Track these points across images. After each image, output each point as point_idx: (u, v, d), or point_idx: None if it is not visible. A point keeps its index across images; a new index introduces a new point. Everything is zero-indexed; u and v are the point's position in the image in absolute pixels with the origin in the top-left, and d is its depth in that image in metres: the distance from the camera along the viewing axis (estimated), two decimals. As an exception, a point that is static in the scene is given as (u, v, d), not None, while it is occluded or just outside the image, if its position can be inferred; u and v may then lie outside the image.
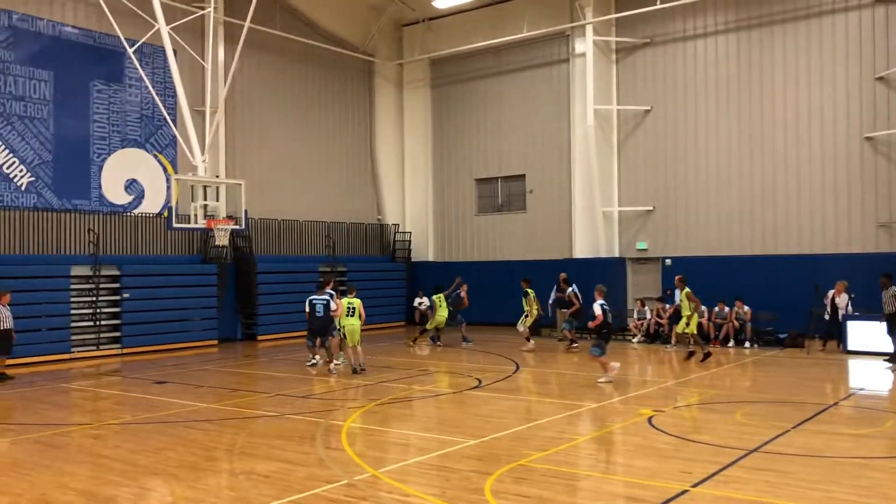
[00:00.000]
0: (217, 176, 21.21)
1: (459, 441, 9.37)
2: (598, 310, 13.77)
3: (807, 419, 10.46)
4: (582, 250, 24.31)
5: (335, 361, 16.30)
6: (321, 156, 26.44)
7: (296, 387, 13.94)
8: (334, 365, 15.81)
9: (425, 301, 26.71)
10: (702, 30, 22.82)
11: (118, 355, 19.41)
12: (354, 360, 15.44)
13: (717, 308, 19.89)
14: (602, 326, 13.80)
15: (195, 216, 17.98)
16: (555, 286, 21.61)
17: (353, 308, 15.24)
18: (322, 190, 26.39)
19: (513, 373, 15.42)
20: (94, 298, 19.28)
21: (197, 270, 21.61)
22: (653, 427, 10.07)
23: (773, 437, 9.34)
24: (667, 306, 20.50)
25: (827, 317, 18.53)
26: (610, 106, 24.09)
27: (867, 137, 20.29)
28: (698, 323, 17.14)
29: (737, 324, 19.58)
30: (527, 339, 19.37)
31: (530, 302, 19.65)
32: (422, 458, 8.66)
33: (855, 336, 17.70)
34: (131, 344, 19.74)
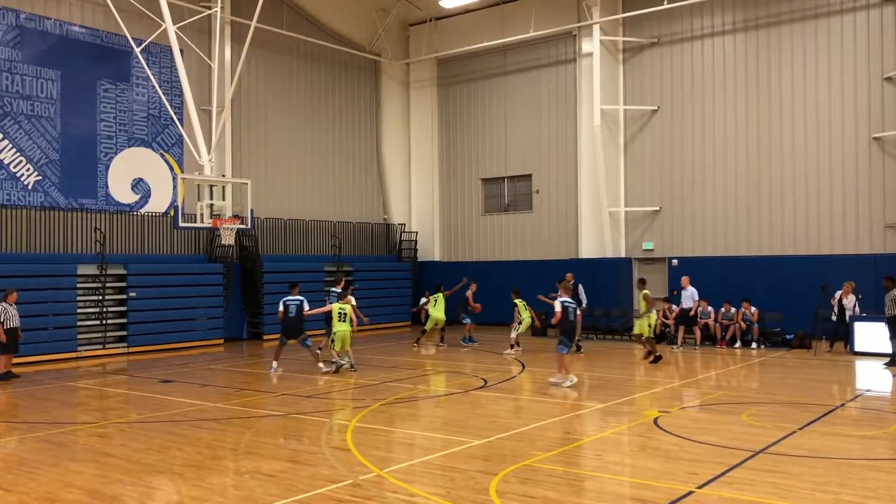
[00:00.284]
0: (223, 175, 21.24)
1: (465, 441, 9.36)
2: (558, 307, 13.47)
3: (814, 420, 10.42)
4: (588, 250, 24.28)
5: (341, 362, 16.31)
6: (327, 155, 26.46)
7: (301, 386, 13.94)
8: (330, 364, 15.75)
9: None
10: (709, 30, 22.76)
11: (124, 354, 19.46)
12: (337, 359, 15.51)
13: (724, 309, 19.83)
14: (563, 323, 13.50)
15: (201, 215, 17.99)
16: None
17: (345, 314, 15.18)
18: (328, 189, 26.41)
19: (519, 373, 15.40)
20: (101, 297, 19.32)
21: (203, 270, 21.66)
22: (659, 428, 10.04)
23: (780, 439, 9.30)
24: (673, 307, 20.45)
25: (834, 318, 18.46)
26: (617, 106, 24.05)
27: (875, 138, 20.21)
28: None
29: (743, 325, 19.52)
30: (510, 346, 18.83)
31: (520, 311, 19.29)
32: (427, 458, 8.65)
33: (862, 337, 17.62)
34: (137, 343, 19.79)
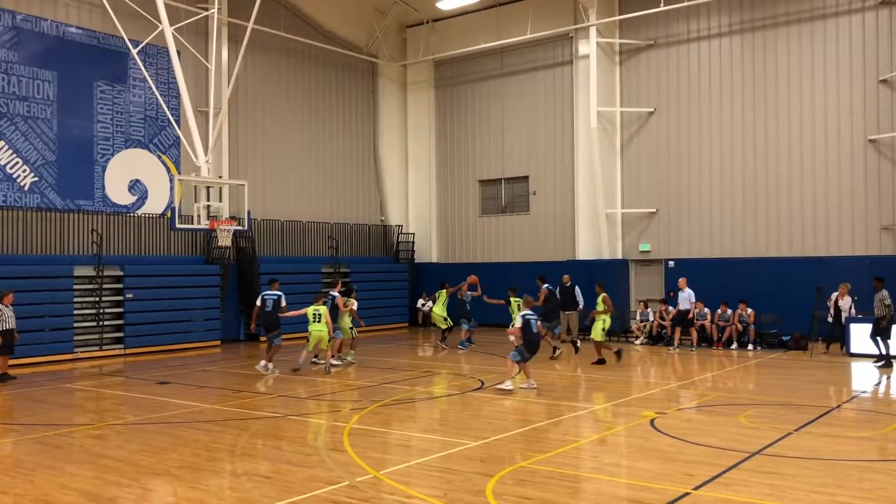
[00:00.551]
0: (220, 176, 21.23)
1: (462, 442, 9.36)
2: (519, 321, 13.17)
3: (810, 422, 10.43)
4: (585, 252, 24.30)
5: (333, 361, 16.38)
6: (324, 156, 26.46)
7: (298, 388, 13.93)
8: (329, 364, 15.83)
9: (429, 303, 26.73)
10: (706, 32, 22.81)
11: (121, 356, 19.43)
12: (304, 359, 15.59)
13: (720, 310, 19.87)
14: (526, 335, 13.06)
15: (198, 217, 17.98)
16: (558, 288, 21.58)
17: (319, 315, 15.27)
18: (325, 191, 26.41)
19: (516, 374, 15.37)
20: (98, 299, 19.30)
21: (200, 271, 21.64)
22: (655, 429, 10.05)
23: (776, 440, 9.32)
24: (670, 308, 20.49)
25: (830, 319, 18.50)
26: (613, 108, 24.08)
27: (871, 140, 20.26)
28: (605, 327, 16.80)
29: (740, 326, 19.56)
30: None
31: (514, 310, 19.28)
32: (424, 460, 8.65)
33: (858, 338, 17.62)
34: (134, 344, 19.76)
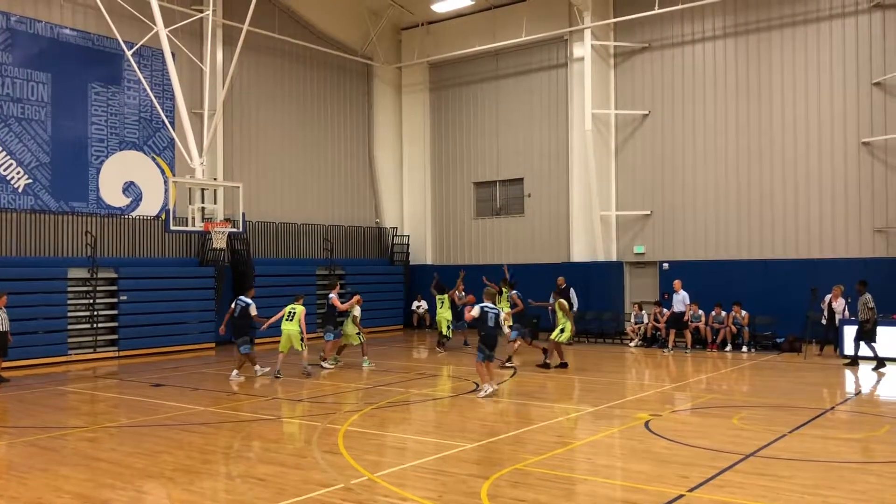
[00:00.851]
0: (215, 178, 21.22)
1: (456, 445, 9.36)
2: (476, 311, 12.83)
3: (804, 424, 10.46)
4: (580, 254, 24.33)
5: (326, 364, 16.41)
6: (319, 159, 26.45)
7: (293, 390, 13.92)
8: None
9: (423, 304, 26.74)
10: (700, 34, 22.87)
11: (115, 358, 19.38)
12: (279, 364, 15.25)
13: (715, 312, 19.91)
14: (481, 329, 12.75)
15: (193, 219, 17.97)
16: (554, 290, 21.62)
17: (294, 313, 15.05)
18: (320, 193, 26.40)
19: (510, 376, 15.40)
20: (92, 301, 19.25)
21: (194, 273, 21.59)
22: (650, 431, 10.06)
23: (770, 442, 9.34)
24: (664, 310, 20.53)
25: (824, 321, 18.54)
26: (608, 110, 24.12)
27: (864, 142, 20.33)
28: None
29: (734, 328, 19.61)
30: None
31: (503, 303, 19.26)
32: (419, 462, 8.65)
33: (852, 341, 17.67)
34: (128, 346, 19.71)
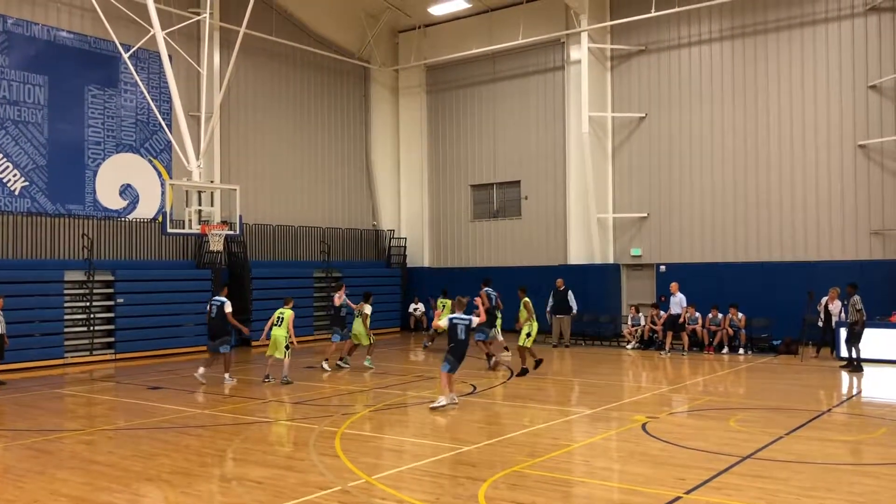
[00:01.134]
0: (212, 181, 21.15)
1: (454, 447, 9.36)
2: (445, 322, 12.32)
3: (800, 426, 10.48)
4: (577, 257, 24.35)
5: (338, 362, 16.48)
6: (316, 161, 26.45)
7: (290, 392, 13.90)
8: (328, 365, 15.88)
9: (420, 307, 26.73)
10: (696, 37, 22.92)
11: (112, 361, 19.34)
12: (268, 368, 15.12)
13: (711, 315, 19.93)
14: (450, 341, 12.16)
15: (189, 221, 17.92)
16: (552, 292, 21.70)
17: (282, 319, 14.90)
18: (317, 195, 26.39)
19: (508, 379, 15.41)
20: (88, 303, 19.21)
21: (191, 276, 21.57)
22: (647, 433, 10.07)
23: (767, 444, 9.35)
24: (661, 313, 20.54)
25: (820, 324, 18.57)
26: (605, 113, 24.16)
27: (860, 145, 20.39)
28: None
29: (731, 330, 19.63)
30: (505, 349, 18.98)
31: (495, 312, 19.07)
32: (416, 465, 8.65)
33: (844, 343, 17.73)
34: (125, 349, 19.68)
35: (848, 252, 20.48)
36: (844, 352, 16.82)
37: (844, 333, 17.17)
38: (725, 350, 19.53)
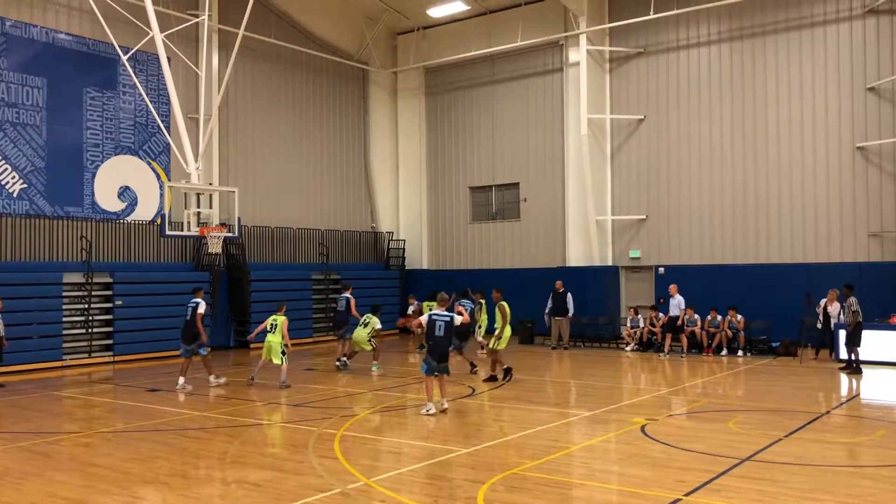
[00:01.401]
0: (210, 183, 21.15)
1: (452, 449, 9.36)
2: (424, 319, 11.91)
3: (799, 428, 10.48)
4: (576, 258, 24.36)
5: (340, 361, 16.47)
6: (315, 163, 26.44)
7: (288, 395, 13.88)
8: (339, 363, 15.91)
9: (415, 304, 26.69)
10: (695, 40, 22.94)
11: (110, 363, 19.32)
12: (256, 371, 15.16)
13: (710, 317, 19.93)
14: (428, 339, 11.75)
15: (188, 223, 17.92)
16: (551, 294, 21.70)
17: (276, 325, 14.79)
18: (316, 197, 26.38)
19: (506, 381, 15.39)
20: (87, 305, 19.19)
21: (190, 278, 21.49)
22: (646, 436, 10.07)
23: (766, 446, 9.35)
24: (660, 315, 20.54)
25: (819, 326, 18.59)
26: (603, 115, 24.17)
27: (859, 147, 20.41)
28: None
29: (730, 332, 19.63)
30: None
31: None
32: (415, 467, 8.65)
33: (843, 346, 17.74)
34: (123, 351, 19.65)
35: (846, 254, 20.49)
36: (843, 354, 16.84)
37: (843, 335, 17.20)
38: (724, 352, 19.52)
